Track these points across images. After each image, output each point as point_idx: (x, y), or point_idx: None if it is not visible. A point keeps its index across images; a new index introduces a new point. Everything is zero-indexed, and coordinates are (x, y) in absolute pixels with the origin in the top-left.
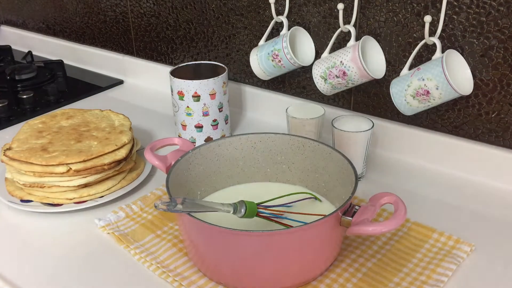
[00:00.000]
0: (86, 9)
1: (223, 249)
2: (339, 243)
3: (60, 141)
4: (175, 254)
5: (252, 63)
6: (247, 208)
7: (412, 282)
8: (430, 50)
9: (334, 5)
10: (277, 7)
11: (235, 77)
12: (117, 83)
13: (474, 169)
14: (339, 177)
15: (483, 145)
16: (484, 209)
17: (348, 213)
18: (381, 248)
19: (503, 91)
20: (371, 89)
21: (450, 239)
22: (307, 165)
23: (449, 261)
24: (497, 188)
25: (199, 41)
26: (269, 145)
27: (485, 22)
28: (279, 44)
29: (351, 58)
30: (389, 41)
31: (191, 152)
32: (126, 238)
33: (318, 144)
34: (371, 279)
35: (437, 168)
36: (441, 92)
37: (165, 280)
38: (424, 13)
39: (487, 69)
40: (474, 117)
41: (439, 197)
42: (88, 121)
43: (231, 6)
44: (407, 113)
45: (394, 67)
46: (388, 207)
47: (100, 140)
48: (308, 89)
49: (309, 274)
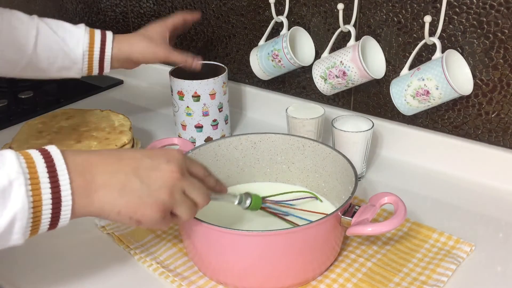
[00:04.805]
0: (86, 9)
1: (223, 249)
2: (339, 243)
3: (60, 141)
4: (175, 254)
5: (252, 63)
6: (252, 200)
7: (412, 282)
8: (430, 50)
9: (334, 5)
10: (277, 7)
11: (235, 77)
12: (117, 83)
13: (474, 169)
14: (339, 177)
15: (483, 145)
16: (484, 209)
17: (348, 213)
18: (381, 248)
19: (503, 91)
20: (371, 89)
21: (450, 239)
22: (307, 165)
23: (449, 261)
24: (497, 188)
25: (199, 41)
26: (269, 145)
27: (485, 22)
28: (279, 44)
29: (351, 58)
30: (389, 41)
31: (191, 152)
32: (126, 238)
33: (318, 144)
34: (371, 279)
35: (437, 168)
36: (441, 92)
37: (165, 280)
38: (424, 13)
39: (487, 69)
40: (474, 117)
41: (439, 197)
42: (88, 121)
43: (231, 6)
44: (407, 113)
45: (394, 67)
46: (388, 207)
47: (100, 140)
48: (308, 89)
49: (309, 274)
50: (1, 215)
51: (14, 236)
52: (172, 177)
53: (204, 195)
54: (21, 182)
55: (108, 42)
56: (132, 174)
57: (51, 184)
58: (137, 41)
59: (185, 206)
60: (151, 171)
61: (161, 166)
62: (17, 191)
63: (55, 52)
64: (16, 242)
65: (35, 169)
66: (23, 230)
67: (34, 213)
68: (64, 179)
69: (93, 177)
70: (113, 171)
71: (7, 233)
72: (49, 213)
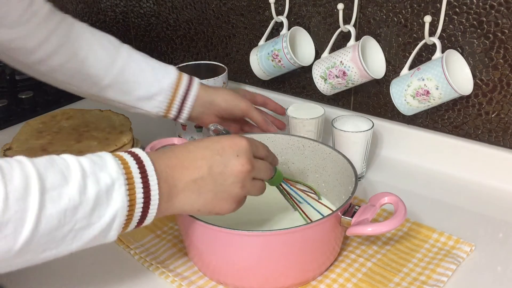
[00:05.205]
0: (86, 9)
1: (223, 249)
2: (339, 243)
3: (60, 141)
4: (175, 254)
5: (252, 63)
6: (276, 173)
7: (412, 282)
8: (430, 50)
9: (334, 5)
10: (277, 7)
11: (235, 77)
12: None
13: (474, 169)
14: (339, 177)
15: (483, 145)
16: (484, 209)
17: (348, 213)
18: (381, 248)
19: (503, 91)
20: (371, 89)
21: (450, 239)
22: (307, 165)
23: (449, 261)
24: (497, 188)
25: (199, 41)
26: (269, 145)
27: (485, 22)
28: (279, 44)
29: (351, 58)
30: (389, 41)
31: None
32: (126, 238)
33: (318, 144)
34: (371, 279)
35: (437, 168)
36: (441, 92)
37: (165, 280)
38: (424, 13)
39: (487, 69)
40: (474, 117)
41: (439, 197)
42: (88, 121)
43: (231, 6)
44: (407, 113)
45: (394, 67)
46: (388, 207)
47: (100, 141)
48: (308, 89)
49: (309, 274)
50: (106, 212)
51: (112, 232)
52: (242, 171)
53: (269, 171)
54: (122, 183)
55: (195, 82)
56: (207, 175)
57: (143, 184)
58: (222, 90)
59: (256, 188)
60: (223, 168)
61: (232, 162)
62: (118, 191)
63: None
64: (111, 239)
65: (130, 169)
66: (119, 226)
67: (129, 212)
68: (153, 181)
69: (174, 182)
70: (190, 175)
71: (108, 230)
72: (140, 211)
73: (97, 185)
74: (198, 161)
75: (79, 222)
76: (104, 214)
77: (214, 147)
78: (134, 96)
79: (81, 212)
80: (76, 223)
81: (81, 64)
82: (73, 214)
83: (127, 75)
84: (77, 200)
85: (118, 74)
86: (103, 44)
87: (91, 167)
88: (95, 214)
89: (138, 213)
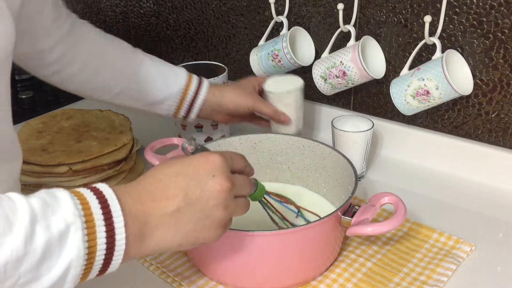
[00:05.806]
0: (86, 9)
1: (223, 249)
2: (339, 243)
3: (60, 141)
4: (175, 254)
5: (252, 63)
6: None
7: (412, 282)
8: (430, 50)
9: (334, 5)
10: (277, 7)
11: (235, 77)
12: None
13: (474, 169)
14: (339, 177)
15: (483, 145)
16: (484, 209)
17: (348, 213)
18: (381, 248)
19: (503, 91)
20: (371, 89)
21: (450, 239)
22: (307, 165)
23: (449, 261)
24: (497, 188)
25: (199, 41)
26: (269, 145)
27: (485, 22)
28: (279, 44)
29: (351, 58)
30: (389, 41)
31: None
32: None
33: (318, 144)
34: (371, 279)
35: (437, 168)
36: (441, 92)
37: (165, 280)
38: (424, 13)
39: (487, 69)
40: (474, 117)
41: (439, 197)
42: (88, 121)
43: (231, 6)
44: (407, 113)
45: (394, 67)
46: (388, 207)
47: (100, 141)
48: (308, 89)
49: (309, 274)
50: (57, 263)
51: (65, 285)
52: (222, 191)
53: (249, 185)
54: (78, 226)
55: (204, 86)
56: (183, 204)
57: (106, 228)
58: (229, 90)
59: (240, 207)
60: (200, 192)
61: (208, 183)
62: (74, 237)
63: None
64: None
65: (90, 210)
66: (75, 278)
67: (88, 260)
68: (118, 222)
69: (146, 219)
70: (163, 209)
71: (60, 282)
72: (102, 259)
73: (47, 232)
74: (170, 190)
75: (23, 276)
76: (55, 265)
77: (186, 171)
78: (145, 102)
79: (26, 264)
80: (20, 277)
81: (93, 76)
82: (15, 268)
83: (137, 83)
84: (21, 251)
85: (129, 82)
86: (116, 56)
87: (42, 210)
88: (44, 265)
89: (99, 260)
